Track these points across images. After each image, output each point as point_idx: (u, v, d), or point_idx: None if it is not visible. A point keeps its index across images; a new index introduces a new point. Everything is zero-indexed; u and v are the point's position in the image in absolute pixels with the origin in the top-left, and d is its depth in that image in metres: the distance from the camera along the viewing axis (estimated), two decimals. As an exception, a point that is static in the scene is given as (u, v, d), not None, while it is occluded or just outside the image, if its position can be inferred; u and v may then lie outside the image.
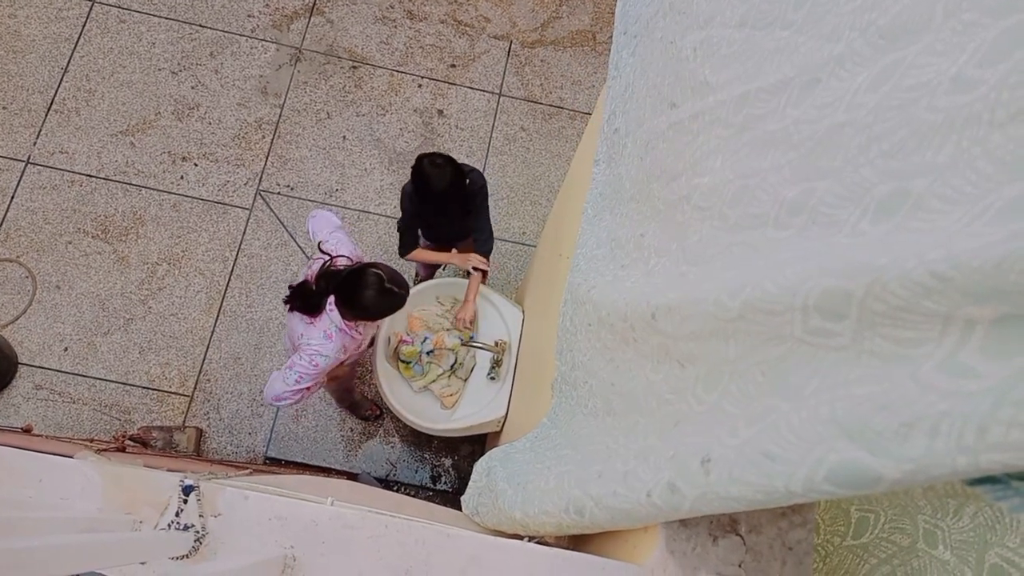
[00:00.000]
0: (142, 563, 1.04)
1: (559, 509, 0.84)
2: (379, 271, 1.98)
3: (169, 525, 1.08)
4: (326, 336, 2.03)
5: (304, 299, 2.04)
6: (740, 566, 0.82)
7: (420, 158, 2.25)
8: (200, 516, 1.09)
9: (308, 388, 2.14)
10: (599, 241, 1.23)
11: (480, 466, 1.30)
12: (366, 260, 2.18)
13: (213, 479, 1.24)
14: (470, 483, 1.29)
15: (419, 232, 2.64)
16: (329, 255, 2.12)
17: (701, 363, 0.67)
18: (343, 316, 2.02)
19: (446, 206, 2.35)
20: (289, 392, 2.10)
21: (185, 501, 1.09)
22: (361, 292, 1.95)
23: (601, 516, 0.75)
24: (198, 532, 1.07)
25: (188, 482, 1.10)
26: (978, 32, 0.45)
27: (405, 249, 2.59)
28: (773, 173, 0.67)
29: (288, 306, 2.08)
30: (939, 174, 0.45)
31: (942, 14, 0.49)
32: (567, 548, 1.03)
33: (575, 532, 0.90)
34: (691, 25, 1.03)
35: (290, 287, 2.08)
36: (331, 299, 2.02)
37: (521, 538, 1.03)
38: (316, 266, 2.09)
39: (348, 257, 2.15)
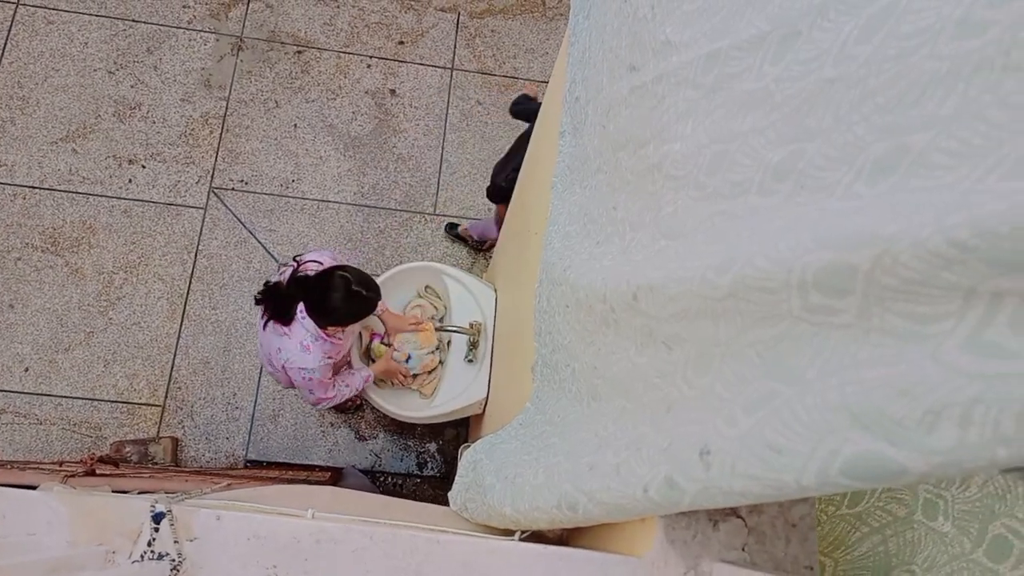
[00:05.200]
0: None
1: (551, 505, 0.80)
2: (346, 273, 1.91)
3: (143, 556, 1.02)
4: (303, 348, 1.96)
5: (275, 302, 1.96)
6: (744, 549, 0.79)
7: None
8: (175, 542, 1.04)
9: (331, 392, 2.16)
10: (571, 216, 1.18)
11: (466, 460, 1.25)
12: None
13: (186, 499, 1.18)
14: (456, 478, 1.25)
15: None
16: (297, 262, 2.04)
17: (689, 345, 0.62)
18: (316, 323, 1.94)
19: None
20: (320, 398, 2.15)
21: (156, 529, 1.03)
22: (328, 295, 1.88)
23: (596, 511, 0.71)
24: (174, 560, 1.02)
25: (159, 508, 1.04)
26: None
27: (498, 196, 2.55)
28: (754, 136, 0.62)
29: (262, 313, 2.00)
30: (943, 127, 0.41)
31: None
32: (562, 541, 0.99)
33: (569, 526, 0.86)
34: (646, -19, 0.97)
35: (265, 285, 2.00)
36: (301, 307, 1.95)
37: (512, 534, 1.00)
38: (287, 272, 2.01)
39: (319, 261, 2.06)
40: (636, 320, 0.73)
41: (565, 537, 1.02)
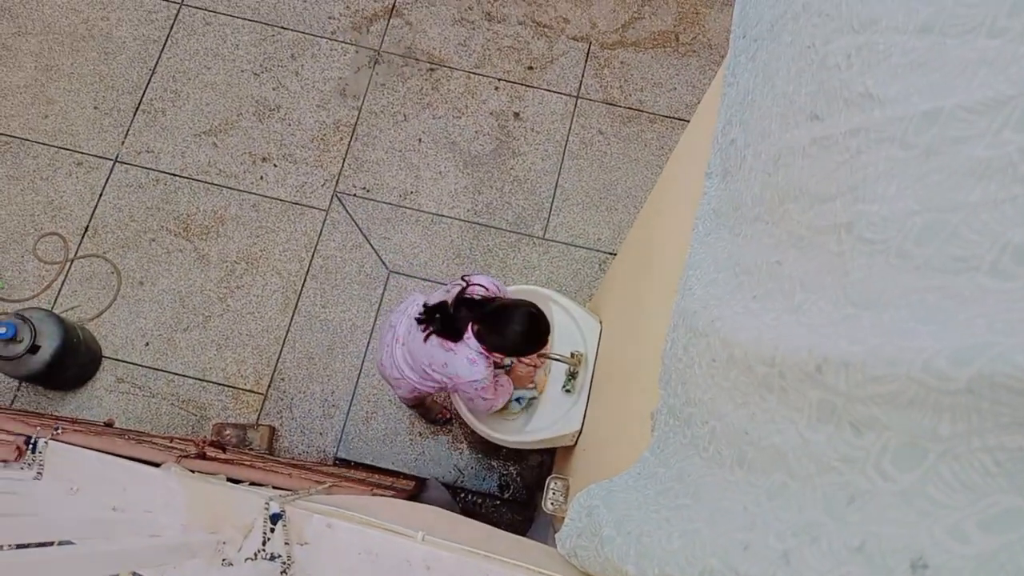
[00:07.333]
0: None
1: (690, 576, 0.75)
2: (536, 312, 2.02)
3: (256, 554, 1.03)
4: (470, 361, 2.07)
5: (444, 322, 2.08)
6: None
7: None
8: (286, 544, 1.04)
9: (495, 394, 2.25)
10: (717, 264, 1.12)
11: (579, 504, 1.21)
12: (504, 293, 2.27)
13: (296, 500, 1.20)
14: (567, 521, 1.20)
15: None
16: (466, 282, 2.18)
17: (891, 434, 0.56)
18: (482, 343, 2.05)
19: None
20: (489, 401, 2.24)
21: (273, 529, 1.04)
22: (508, 327, 2.00)
23: (750, 597, 0.66)
24: (284, 563, 1.02)
25: (275, 509, 1.05)
26: None
27: None
28: (986, 209, 0.55)
29: (423, 329, 2.11)
30: None
31: None
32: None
33: (707, 603, 0.80)
34: (839, 28, 0.91)
35: (424, 306, 2.13)
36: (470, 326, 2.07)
37: (629, 591, 0.94)
38: (454, 291, 2.14)
39: (485, 287, 2.20)
40: (813, 392, 0.67)
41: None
